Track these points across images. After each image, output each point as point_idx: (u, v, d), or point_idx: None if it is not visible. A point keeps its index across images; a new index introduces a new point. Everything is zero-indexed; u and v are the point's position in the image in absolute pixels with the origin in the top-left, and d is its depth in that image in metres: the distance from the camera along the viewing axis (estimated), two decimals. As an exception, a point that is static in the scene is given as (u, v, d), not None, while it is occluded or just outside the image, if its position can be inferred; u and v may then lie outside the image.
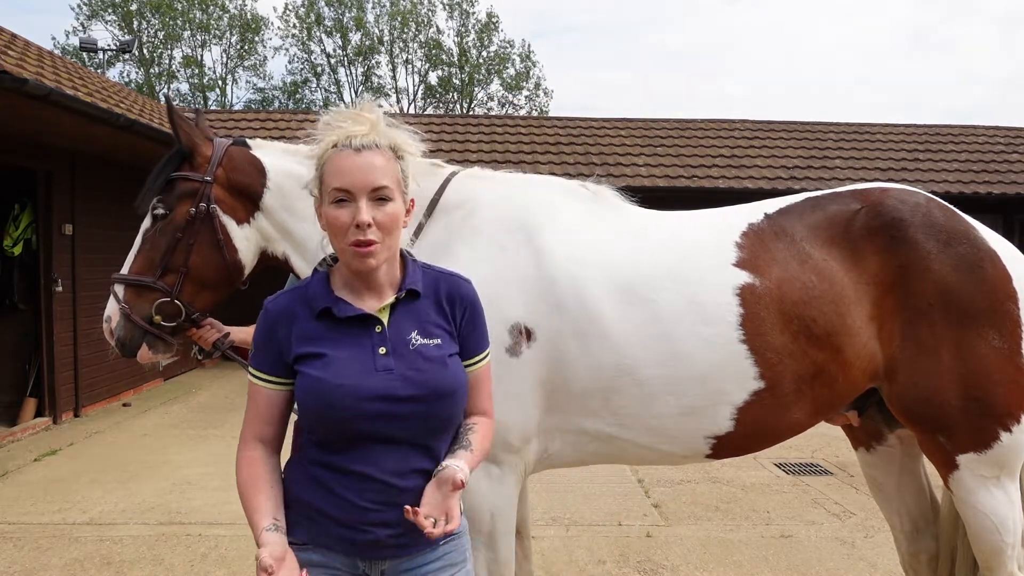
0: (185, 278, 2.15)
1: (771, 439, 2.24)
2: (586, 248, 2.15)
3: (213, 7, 30.91)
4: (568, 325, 2.07)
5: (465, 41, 32.91)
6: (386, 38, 32.63)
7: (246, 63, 32.37)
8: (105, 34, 28.58)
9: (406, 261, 1.51)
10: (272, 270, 2.32)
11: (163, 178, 2.18)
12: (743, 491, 5.27)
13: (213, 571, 3.84)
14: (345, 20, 32.17)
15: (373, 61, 32.95)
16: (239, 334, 2.38)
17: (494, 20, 32.73)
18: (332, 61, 32.72)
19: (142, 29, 29.82)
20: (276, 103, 32.43)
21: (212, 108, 26.96)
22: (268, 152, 2.30)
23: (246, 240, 2.22)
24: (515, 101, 33.38)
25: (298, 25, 32.17)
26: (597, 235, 2.21)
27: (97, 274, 7.53)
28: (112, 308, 2.17)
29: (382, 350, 1.40)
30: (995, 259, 2.16)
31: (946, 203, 2.30)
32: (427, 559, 1.44)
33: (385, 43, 32.67)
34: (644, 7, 52.22)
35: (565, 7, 54.17)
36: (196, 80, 31.47)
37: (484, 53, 33.12)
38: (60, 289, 7.35)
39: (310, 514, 1.41)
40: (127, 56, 23.61)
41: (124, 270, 2.18)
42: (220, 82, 32.14)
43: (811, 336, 2.10)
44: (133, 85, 28.60)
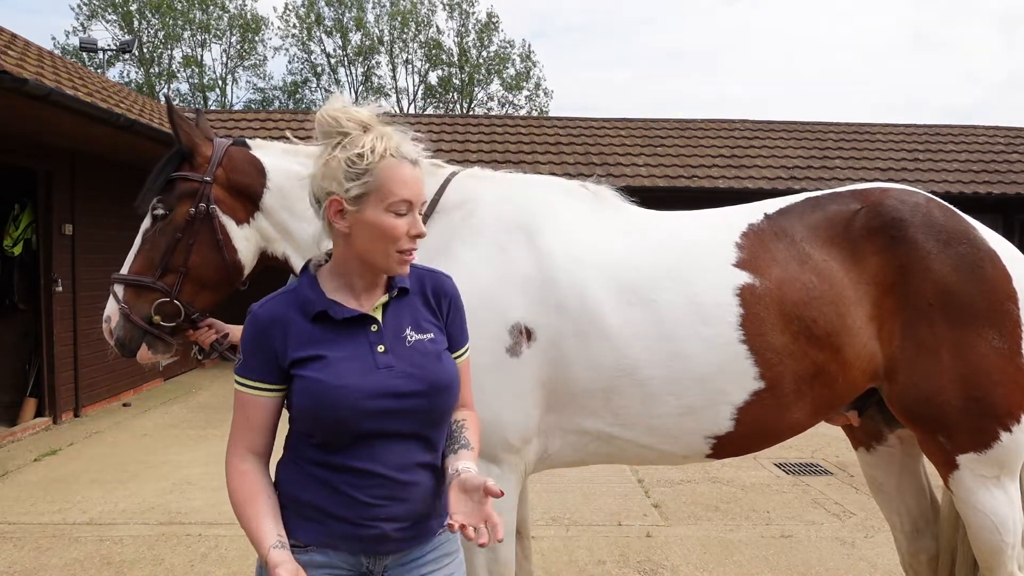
0: (185, 278, 2.15)
1: (771, 439, 2.24)
2: (586, 248, 2.15)
3: (213, 7, 30.93)
4: (568, 325, 2.07)
5: (465, 41, 32.94)
6: (386, 38, 32.66)
7: (246, 63, 32.41)
8: (105, 34, 28.66)
9: None
10: (272, 270, 2.32)
11: (163, 178, 2.18)
12: (743, 491, 5.27)
13: (213, 571, 3.84)
14: (345, 20, 32.19)
15: (373, 61, 33.00)
16: (239, 334, 2.37)
17: (494, 20, 32.77)
18: (332, 61, 32.77)
19: (142, 29, 29.84)
20: (276, 103, 32.45)
21: (212, 108, 26.96)
22: (268, 152, 2.30)
23: (246, 240, 2.22)
24: (515, 101, 33.43)
25: (298, 25, 32.21)
26: (597, 235, 2.21)
27: (97, 274, 7.54)
28: (112, 308, 2.17)
29: (380, 348, 1.42)
30: (995, 259, 2.16)
31: (946, 203, 2.30)
32: (424, 550, 1.48)
33: (385, 43, 32.70)
34: (644, 7, 52.27)
35: (565, 7, 54.24)
36: (196, 80, 31.50)
37: (484, 53, 33.15)
38: (60, 289, 7.36)
39: (311, 514, 1.41)
40: (127, 56, 23.63)
41: (124, 270, 2.18)
42: (220, 82, 32.18)
43: (811, 336, 2.10)
44: (133, 85, 28.61)
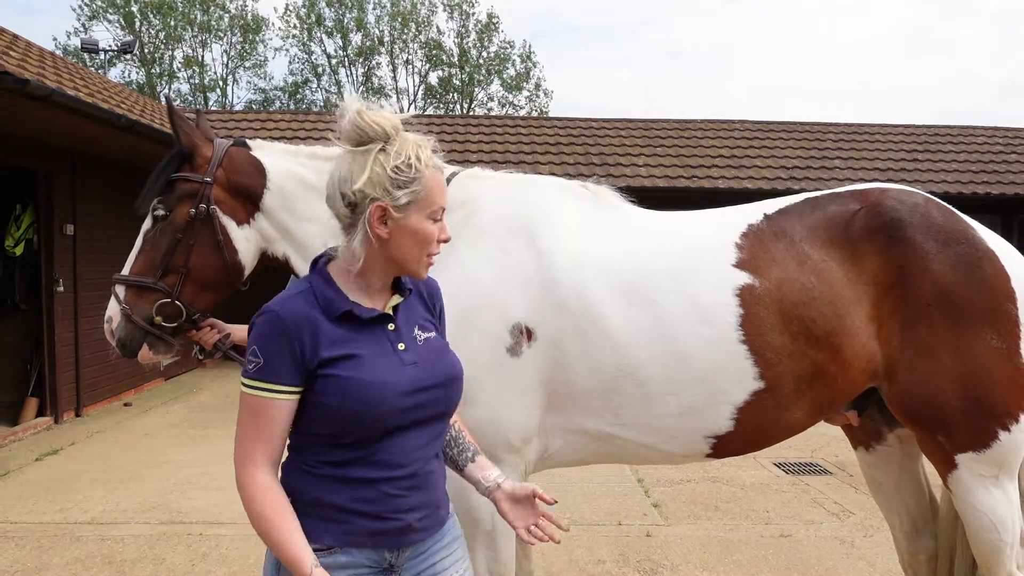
0: (185, 279, 2.15)
1: (771, 438, 2.25)
2: (587, 249, 2.16)
3: (214, 7, 30.93)
4: (569, 325, 2.07)
5: (465, 42, 32.93)
6: (386, 39, 32.66)
7: (247, 63, 32.42)
8: (106, 35, 28.68)
9: None
10: (272, 271, 2.32)
11: (163, 179, 2.18)
12: (743, 491, 5.27)
13: (214, 570, 3.85)
14: (346, 21, 32.20)
15: (374, 62, 32.99)
16: (240, 334, 2.38)
17: (494, 21, 32.77)
18: (333, 62, 32.76)
19: (143, 29, 29.85)
20: (277, 103, 32.47)
21: (213, 108, 26.98)
22: (269, 153, 2.30)
23: (246, 241, 2.22)
24: (515, 101, 33.42)
25: (299, 26, 32.21)
26: (598, 236, 2.21)
27: (98, 274, 7.55)
28: (113, 309, 2.17)
29: (401, 346, 1.46)
30: (994, 259, 2.16)
31: (945, 203, 2.31)
32: (436, 538, 1.51)
33: (385, 44, 32.69)
34: (644, 7, 52.27)
35: (565, 7, 54.21)
36: (197, 80, 31.50)
37: (484, 54, 33.15)
38: (61, 289, 7.36)
39: (335, 516, 1.40)
40: (128, 56, 23.62)
41: (125, 271, 2.19)
42: (221, 82, 32.18)
43: (810, 336, 2.10)
44: (134, 85, 28.62)
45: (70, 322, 7.54)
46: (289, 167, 2.26)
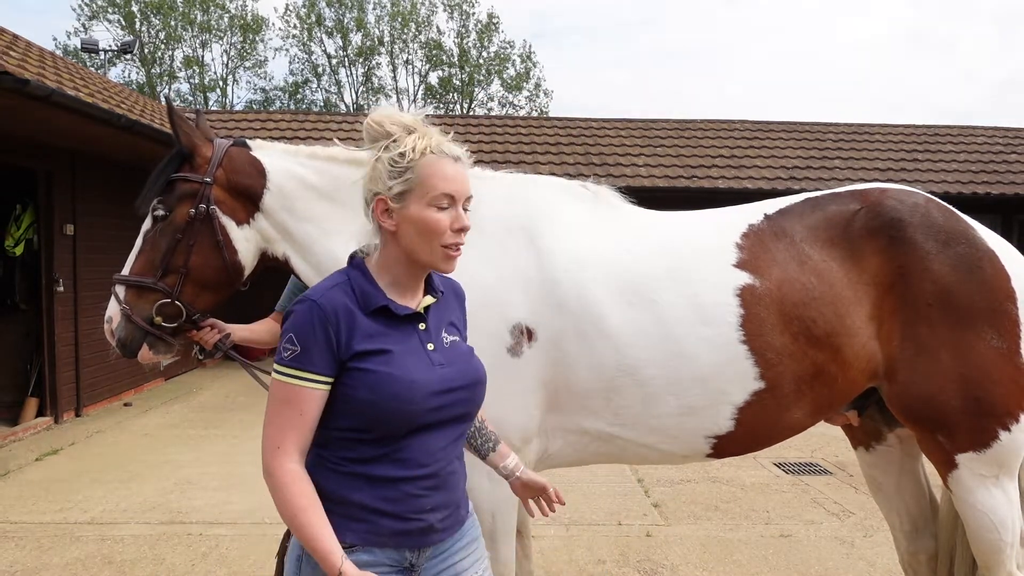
0: (185, 279, 2.15)
1: (771, 439, 2.25)
2: (587, 249, 2.16)
3: (214, 7, 30.93)
4: (569, 325, 2.08)
5: (465, 42, 32.92)
6: (386, 39, 32.65)
7: (247, 63, 32.41)
8: (106, 35, 28.66)
9: None
10: (273, 271, 2.32)
11: (163, 179, 2.18)
12: (743, 491, 5.27)
13: (214, 570, 3.85)
14: (346, 21, 32.19)
15: (374, 62, 32.96)
16: (240, 333, 2.38)
17: (494, 21, 32.77)
18: (333, 62, 32.75)
19: (143, 29, 29.85)
20: (277, 103, 32.46)
21: (213, 108, 27.00)
22: (269, 153, 2.30)
23: (246, 241, 2.22)
24: (515, 101, 33.41)
25: (299, 26, 32.22)
26: (598, 236, 2.21)
27: (98, 274, 7.55)
28: (113, 309, 2.18)
29: (430, 346, 1.47)
30: (994, 259, 2.17)
31: (945, 203, 2.31)
32: (455, 538, 1.52)
33: (386, 44, 32.68)
34: (644, 7, 52.30)
35: (565, 7, 54.15)
36: (197, 80, 31.50)
37: (484, 54, 33.15)
38: (61, 289, 7.36)
39: (359, 514, 1.39)
40: (128, 56, 23.58)
41: (125, 271, 2.19)
42: (221, 82, 32.17)
43: (811, 337, 2.11)
44: (134, 85, 28.62)
45: (70, 322, 7.54)
46: (289, 167, 2.26)
